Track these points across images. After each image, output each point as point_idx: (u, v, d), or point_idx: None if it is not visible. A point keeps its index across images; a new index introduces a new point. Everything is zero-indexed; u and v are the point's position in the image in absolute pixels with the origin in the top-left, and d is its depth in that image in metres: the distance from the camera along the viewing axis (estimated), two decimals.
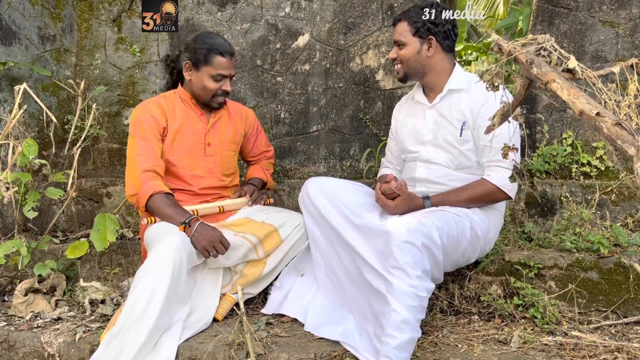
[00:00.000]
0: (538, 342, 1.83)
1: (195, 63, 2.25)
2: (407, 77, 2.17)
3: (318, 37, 3.10)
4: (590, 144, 2.61)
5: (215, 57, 2.23)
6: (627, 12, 2.56)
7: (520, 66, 1.44)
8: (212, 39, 2.25)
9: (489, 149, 2.01)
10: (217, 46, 2.23)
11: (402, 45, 2.12)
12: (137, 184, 2.13)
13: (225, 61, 2.24)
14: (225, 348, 1.85)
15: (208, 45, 2.23)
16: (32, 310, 2.28)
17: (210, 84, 2.25)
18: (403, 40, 2.12)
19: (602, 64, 2.59)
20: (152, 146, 2.20)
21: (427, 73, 2.13)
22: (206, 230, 2.05)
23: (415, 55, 2.11)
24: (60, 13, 3.32)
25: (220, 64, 2.24)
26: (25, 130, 2.98)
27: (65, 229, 3.18)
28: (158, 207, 2.11)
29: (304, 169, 3.13)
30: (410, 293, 1.68)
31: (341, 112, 3.07)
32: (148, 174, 2.14)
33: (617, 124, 1.13)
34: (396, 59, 2.16)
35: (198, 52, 2.24)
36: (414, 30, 2.10)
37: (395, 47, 2.17)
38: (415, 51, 2.10)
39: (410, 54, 2.11)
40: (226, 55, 2.24)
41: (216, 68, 2.24)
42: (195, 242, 2.03)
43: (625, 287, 1.99)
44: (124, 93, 3.36)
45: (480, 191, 2.03)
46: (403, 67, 2.15)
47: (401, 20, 2.14)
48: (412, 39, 2.10)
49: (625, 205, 2.44)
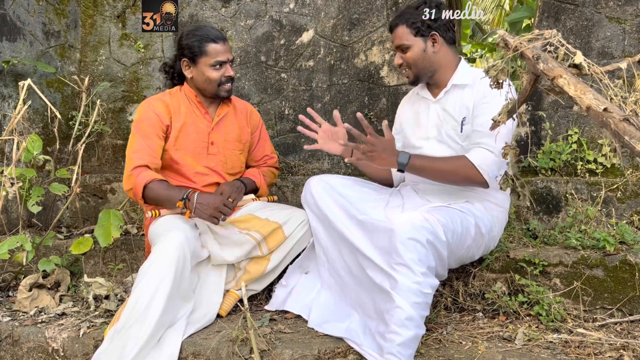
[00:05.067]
0: (543, 339, 1.82)
1: (192, 57, 2.24)
2: (418, 79, 2.12)
3: (322, 33, 3.09)
4: (595, 140, 2.60)
5: (209, 45, 2.22)
6: (633, 8, 2.55)
7: (526, 62, 1.44)
8: (200, 30, 2.25)
9: (477, 133, 1.96)
10: (207, 35, 2.22)
11: (406, 48, 2.07)
12: (131, 179, 2.14)
13: (219, 47, 2.23)
14: (229, 344, 1.85)
15: (198, 36, 2.23)
16: (37, 305, 2.29)
17: (212, 73, 2.24)
18: (406, 43, 2.07)
19: (608, 60, 2.57)
20: (150, 144, 2.20)
21: (436, 70, 2.09)
22: (207, 198, 2.08)
23: (422, 55, 2.06)
24: (65, 9, 3.32)
25: (216, 51, 2.22)
26: (30, 126, 2.98)
27: (69, 225, 3.18)
28: (155, 194, 2.11)
29: (308, 166, 3.12)
30: (415, 290, 1.67)
31: (345, 108, 3.06)
32: (141, 168, 2.15)
33: (625, 120, 1.12)
34: (402, 64, 2.11)
35: (191, 46, 2.23)
36: (415, 30, 2.05)
37: (398, 53, 2.11)
38: (421, 50, 2.06)
39: (417, 55, 2.06)
40: (219, 41, 2.23)
41: (212, 56, 2.22)
42: (200, 213, 2.05)
43: (631, 285, 1.98)
44: (128, 89, 3.36)
45: (457, 165, 1.93)
46: (412, 70, 2.10)
47: (398, 24, 2.08)
48: (415, 39, 2.06)
49: (631, 202, 2.43)
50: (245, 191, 2.36)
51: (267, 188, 2.53)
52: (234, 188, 2.27)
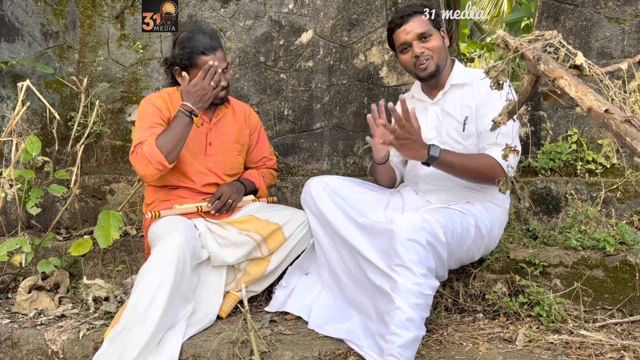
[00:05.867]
0: (544, 340, 1.82)
1: (184, 68, 2.21)
2: (439, 69, 2.06)
3: (322, 33, 3.09)
4: (595, 141, 2.60)
5: (199, 58, 2.18)
6: (633, 9, 2.55)
7: (526, 63, 1.43)
8: (191, 41, 2.19)
9: (487, 133, 1.94)
10: (197, 47, 2.18)
11: (429, 36, 2.03)
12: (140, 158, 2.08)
13: (209, 58, 2.17)
14: (229, 346, 1.85)
15: (189, 49, 2.18)
16: (36, 307, 2.28)
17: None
18: (429, 31, 2.03)
19: (607, 60, 2.58)
20: (155, 132, 2.13)
21: (445, 66, 2.09)
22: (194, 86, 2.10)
23: (443, 45, 2.05)
24: (63, 10, 3.31)
25: (206, 63, 2.16)
26: (28, 127, 2.97)
27: (68, 226, 3.18)
28: (168, 136, 2.08)
29: (307, 166, 3.12)
30: (415, 291, 1.67)
31: (345, 109, 3.06)
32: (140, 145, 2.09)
33: (627, 121, 1.12)
34: (424, 53, 2.03)
35: (182, 57, 2.20)
36: (434, 22, 2.04)
37: (416, 43, 2.04)
38: (442, 41, 2.06)
39: (440, 44, 2.04)
40: (209, 53, 2.18)
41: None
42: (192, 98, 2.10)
43: (631, 286, 1.98)
44: (127, 90, 3.35)
45: (484, 163, 1.91)
46: (434, 60, 2.04)
47: (416, 12, 2.04)
48: (434, 30, 2.05)
49: (631, 202, 2.43)
50: (245, 192, 2.36)
51: (267, 189, 2.52)
52: (233, 189, 2.26)
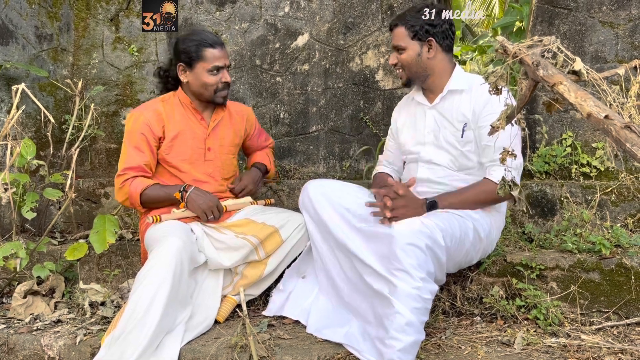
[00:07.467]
0: (541, 343, 1.83)
1: (188, 62, 2.23)
2: (411, 81, 2.14)
3: (317, 37, 3.09)
4: (590, 144, 2.62)
5: (206, 50, 2.21)
6: (626, 13, 2.57)
7: (525, 68, 1.44)
8: (197, 35, 2.25)
9: (490, 148, 1.99)
10: (204, 40, 2.22)
11: (402, 49, 2.09)
12: (124, 190, 2.19)
13: (217, 52, 2.22)
14: (228, 350, 1.84)
15: (196, 41, 2.22)
16: (32, 312, 2.26)
17: (209, 78, 2.23)
18: (402, 44, 2.08)
19: (601, 64, 2.60)
20: (143, 158, 2.22)
21: (429, 75, 2.10)
22: (203, 194, 2.18)
23: (416, 59, 2.08)
24: (58, 12, 3.29)
25: (213, 56, 2.22)
26: (23, 130, 2.95)
27: (63, 230, 3.16)
28: (154, 196, 2.19)
29: (303, 170, 3.12)
30: (415, 295, 1.67)
31: (341, 112, 3.06)
32: (131, 179, 2.19)
33: (626, 127, 1.13)
34: (397, 64, 2.13)
35: (188, 51, 2.22)
36: (412, 33, 2.06)
37: (394, 52, 2.13)
38: (416, 54, 2.07)
39: (411, 58, 2.08)
40: (216, 46, 2.23)
41: (210, 61, 2.21)
42: (193, 206, 2.15)
43: (627, 288, 2.00)
44: (121, 93, 3.34)
45: (485, 191, 1.98)
46: (405, 72, 2.12)
47: (397, 25, 2.10)
48: (411, 42, 2.07)
49: (625, 205, 2.45)
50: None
51: None
52: (253, 179, 2.45)
